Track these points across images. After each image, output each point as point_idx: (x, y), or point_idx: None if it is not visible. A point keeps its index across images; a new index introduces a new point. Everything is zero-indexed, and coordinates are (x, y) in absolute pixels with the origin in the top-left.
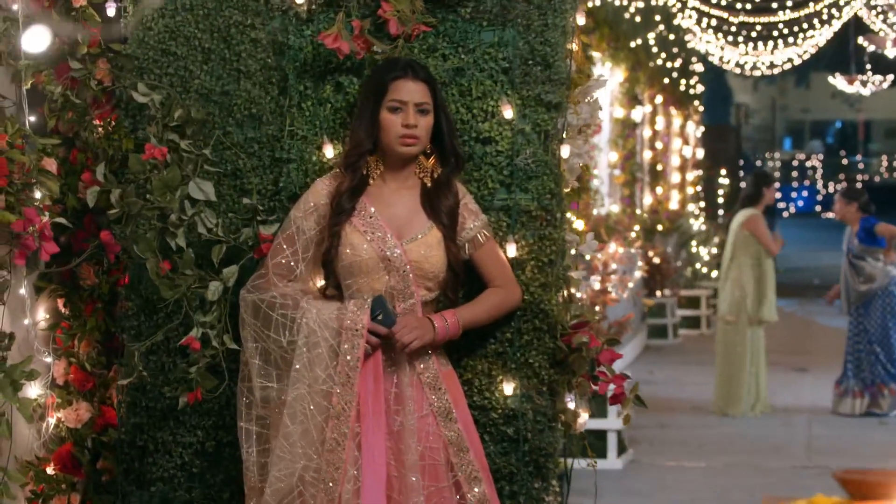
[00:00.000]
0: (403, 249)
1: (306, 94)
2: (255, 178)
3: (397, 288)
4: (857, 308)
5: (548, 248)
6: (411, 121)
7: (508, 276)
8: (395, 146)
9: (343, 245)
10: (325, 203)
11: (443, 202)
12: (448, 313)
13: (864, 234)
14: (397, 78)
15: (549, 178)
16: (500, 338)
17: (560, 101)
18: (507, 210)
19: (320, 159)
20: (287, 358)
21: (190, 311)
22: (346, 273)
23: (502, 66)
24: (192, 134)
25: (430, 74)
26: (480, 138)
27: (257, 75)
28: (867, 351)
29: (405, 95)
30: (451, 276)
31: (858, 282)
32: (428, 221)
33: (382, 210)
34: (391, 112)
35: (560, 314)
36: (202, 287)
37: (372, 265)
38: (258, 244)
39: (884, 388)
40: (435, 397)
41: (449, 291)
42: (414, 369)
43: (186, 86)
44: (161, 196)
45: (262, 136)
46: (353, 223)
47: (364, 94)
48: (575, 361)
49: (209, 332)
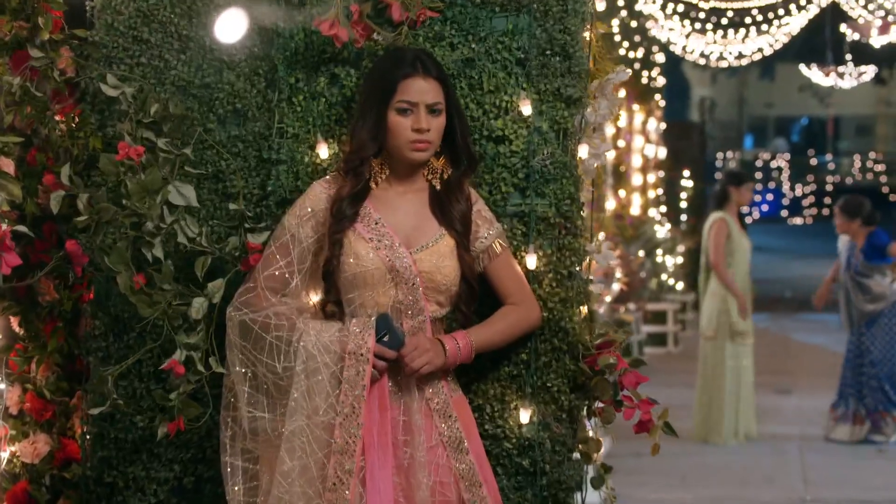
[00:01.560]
0: (412, 259)
1: (297, 87)
2: (239, 182)
3: (405, 302)
4: (860, 327)
5: (567, 260)
6: (423, 125)
7: (526, 292)
8: (404, 152)
9: (346, 254)
10: (323, 209)
11: (455, 207)
12: (460, 335)
13: (871, 250)
14: (407, 76)
15: (569, 181)
16: (514, 359)
17: (580, 96)
18: (521, 217)
19: (313, 160)
20: (281, 385)
21: (172, 331)
22: (348, 286)
23: (517, 57)
24: (170, 131)
25: (442, 70)
26: (493, 137)
27: (242, 66)
28: (869, 375)
29: (415, 96)
30: (464, 288)
31: (864, 301)
32: (439, 228)
33: (388, 216)
34: (400, 114)
35: (582, 333)
36: (184, 304)
37: (378, 277)
38: (245, 255)
39: (886, 415)
40: (445, 426)
41: (462, 306)
42: (423, 395)
43: (161, 77)
44: (139, 201)
45: (247, 135)
46: (356, 230)
47: (368, 91)
48: (598, 385)
49: (193, 354)
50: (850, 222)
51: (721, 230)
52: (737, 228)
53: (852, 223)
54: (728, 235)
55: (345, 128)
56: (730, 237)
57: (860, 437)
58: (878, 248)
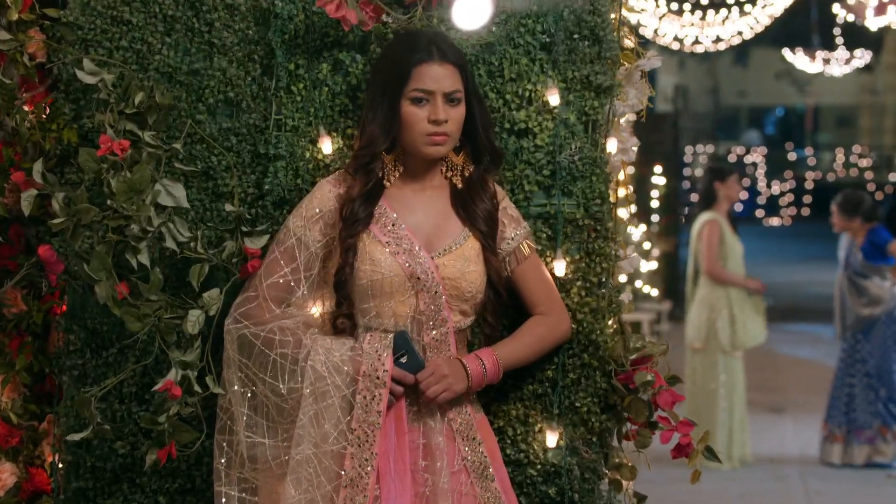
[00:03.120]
0: (434, 264)
1: (297, 74)
2: (233, 180)
3: (427, 312)
4: (854, 334)
5: (598, 266)
6: (440, 115)
7: (556, 301)
8: (420, 146)
9: (361, 260)
10: (332, 209)
11: (479, 205)
12: (485, 353)
13: (871, 248)
14: (421, 61)
15: (599, 178)
16: (539, 377)
17: (611, 85)
18: (546, 219)
19: (315, 156)
20: (284, 408)
21: (164, 347)
22: (362, 295)
23: (541, 41)
24: (155, 124)
25: (460, 54)
26: (515, 130)
27: (235, 50)
28: (863, 385)
29: (431, 84)
30: (491, 296)
31: (860, 304)
32: (463, 229)
33: (406, 216)
34: (414, 104)
35: (615, 347)
36: (176, 317)
37: (397, 284)
38: (244, 261)
39: (886, 431)
40: (469, 449)
41: (488, 315)
42: (444, 415)
43: (144, 63)
44: (126, 202)
45: (240, 127)
46: (371, 232)
47: (378, 80)
48: (632, 406)
49: (189, 373)
50: (848, 221)
51: (713, 232)
52: (729, 230)
53: (851, 221)
54: (721, 238)
55: (350, 119)
56: (722, 240)
57: (859, 459)
58: (879, 247)
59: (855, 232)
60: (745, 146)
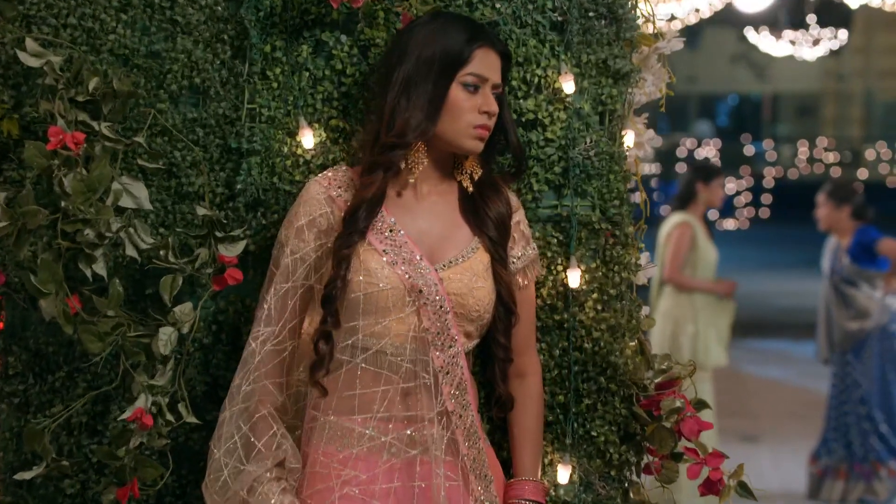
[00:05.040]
0: (438, 278)
1: (273, 57)
2: (203, 178)
3: (432, 331)
4: (843, 354)
5: (616, 276)
6: (493, 106)
7: (534, 350)
8: (462, 138)
9: (354, 271)
10: (324, 213)
11: (491, 207)
12: (529, 490)
13: (859, 250)
14: (482, 45)
15: (617, 177)
16: (549, 402)
17: (630, 70)
18: (557, 222)
19: (293, 150)
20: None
21: (130, 370)
22: (352, 311)
23: (552, 20)
24: (111, 114)
25: (507, 46)
26: (522, 121)
27: (201, 29)
28: (857, 415)
29: (488, 71)
30: (502, 314)
31: (847, 316)
32: (472, 239)
33: (407, 222)
34: (466, 90)
35: (637, 369)
36: (142, 335)
37: (395, 299)
38: (218, 271)
39: (880, 466)
40: (481, 488)
41: (500, 336)
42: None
43: (96, 44)
44: (83, 203)
45: (208, 118)
46: (368, 240)
47: (419, 59)
48: (655, 435)
49: (160, 400)
50: (836, 210)
51: (683, 236)
52: (703, 235)
53: (839, 212)
54: (692, 243)
55: (335, 109)
56: (694, 246)
57: (853, 496)
58: (868, 248)
59: (842, 229)
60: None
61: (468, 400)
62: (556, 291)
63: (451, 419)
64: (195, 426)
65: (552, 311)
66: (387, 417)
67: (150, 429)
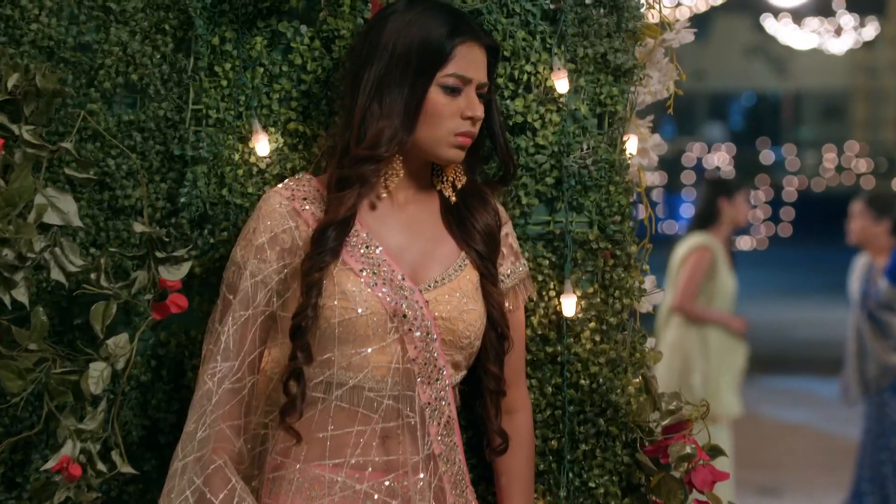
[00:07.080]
0: (424, 300)
1: (223, 50)
2: (136, 190)
3: (419, 361)
4: (881, 393)
5: (617, 303)
6: (478, 111)
7: (524, 382)
8: (441, 147)
9: (328, 295)
10: (287, 228)
11: (478, 218)
12: None
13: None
14: (465, 40)
15: (617, 188)
16: (541, 448)
17: (633, 66)
18: (549, 241)
19: (245, 158)
20: None
21: (55, 412)
22: (325, 342)
23: (543, 8)
24: (34, 115)
25: (494, 38)
26: (509, 125)
27: (139, 18)
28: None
29: (472, 70)
30: (493, 340)
31: (885, 349)
32: (458, 254)
33: (384, 236)
34: (447, 93)
35: (641, 410)
36: (70, 373)
37: (376, 326)
38: (159, 297)
39: None
40: None
41: (491, 365)
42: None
43: (16, 34)
44: (1, 220)
45: (147, 120)
46: (342, 259)
47: (396, 56)
48: (663, 486)
49: (91, 446)
50: (874, 224)
51: (701, 262)
52: (724, 262)
53: (878, 225)
54: (711, 271)
55: (293, 111)
56: (713, 274)
57: None
58: None
59: (877, 249)
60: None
61: (455, 441)
62: (548, 320)
63: (437, 464)
64: (131, 477)
65: (544, 343)
66: (361, 464)
67: (77, 480)
